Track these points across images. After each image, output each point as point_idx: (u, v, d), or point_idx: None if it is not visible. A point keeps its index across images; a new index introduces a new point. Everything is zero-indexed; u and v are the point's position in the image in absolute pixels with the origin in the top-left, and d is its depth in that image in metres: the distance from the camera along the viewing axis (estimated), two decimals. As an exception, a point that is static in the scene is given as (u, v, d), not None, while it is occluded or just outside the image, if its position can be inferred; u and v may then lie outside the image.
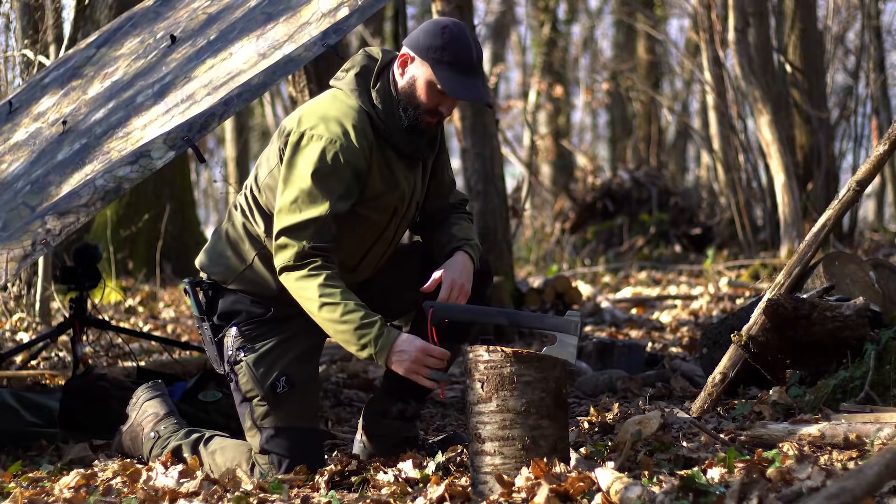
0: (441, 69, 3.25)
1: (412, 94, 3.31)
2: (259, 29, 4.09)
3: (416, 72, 3.30)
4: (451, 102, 3.33)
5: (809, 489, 2.46)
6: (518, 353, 2.89)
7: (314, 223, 3.24)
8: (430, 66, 3.26)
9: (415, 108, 3.32)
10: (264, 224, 3.42)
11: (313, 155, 3.25)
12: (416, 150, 3.41)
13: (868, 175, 3.70)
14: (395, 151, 3.38)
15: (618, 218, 12.86)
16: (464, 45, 3.26)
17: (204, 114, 3.66)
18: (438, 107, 3.32)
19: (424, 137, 3.41)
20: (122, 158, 3.64)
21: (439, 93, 3.29)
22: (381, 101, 3.34)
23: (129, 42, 4.94)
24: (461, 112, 6.47)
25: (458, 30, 3.28)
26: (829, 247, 7.54)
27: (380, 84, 3.36)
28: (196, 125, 3.63)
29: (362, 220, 3.37)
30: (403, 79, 3.33)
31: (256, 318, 3.43)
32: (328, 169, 3.25)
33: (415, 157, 3.43)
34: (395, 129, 3.35)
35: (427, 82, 3.28)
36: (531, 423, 2.87)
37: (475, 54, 3.29)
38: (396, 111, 3.33)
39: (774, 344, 3.73)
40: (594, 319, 7.25)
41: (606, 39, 20.93)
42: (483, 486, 2.87)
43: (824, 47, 10.55)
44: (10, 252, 3.49)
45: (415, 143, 3.39)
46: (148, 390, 3.81)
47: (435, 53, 3.25)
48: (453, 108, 3.38)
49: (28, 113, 4.95)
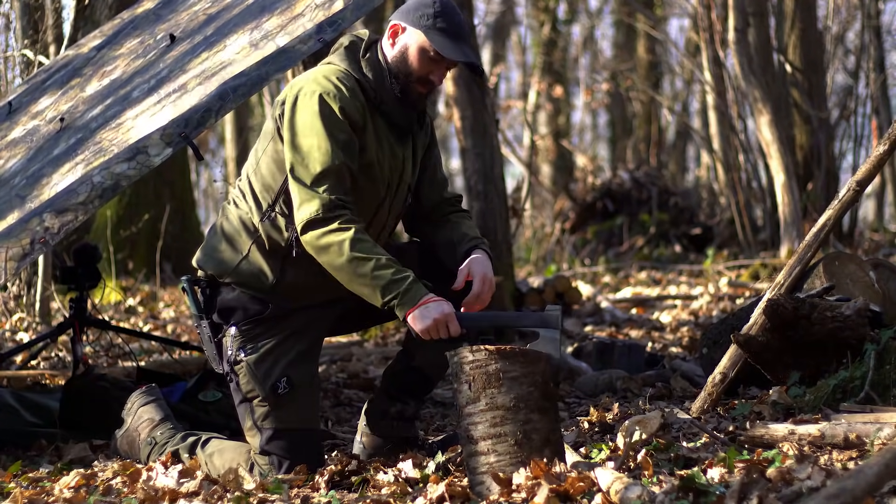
0: (434, 35, 3.32)
1: (404, 61, 3.37)
2: (253, 21, 4.09)
3: (409, 40, 3.37)
4: (442, 70, 3.39)
5: (809, 489, 2.46)
6: (501, 350, 2.89)
7: (330, 174, 3.23)
8: (423, 33, 3.33)
9: (406, 75, 3.37)
10: (257, 208, 3.40)
11: (312, 108, 3.27)
12: (407, 122, 3.44)
13: (868, 175, 3.70)
14: (386, 122, 3.41)
15: (618, 218, 12.87)
16: (455, 12, 3.38)
17: (199, 108, 3.65)
18: (430, 75, 3.38)
19: (415, 110, 3.45)
20: (119, 154, 3.64)
21: (431, 60, 3.35)
22: (370, 69, 3.39)
23: (128, 42, 4.95)
24: (461, 112, 6.47)
25: (449, 0, 3.39)
26: (829, 247, 7.55)
27: (369, 55, 3.42)
28: (192, 120, 3.62)
29: (359, 191, 3.36)
30: (394, 49, 3.39)
31: (255, 316, 3.42)
32: (329, 119, 3.26)
33: (405, 132, 3.46)
34: (386, 98, 3.39)
35: (420, 49, 3.35)
36: (521, 417, 2.87)
37: (465, 22, 3.39)
38: (387, 80, 3.38)
39: (774, 344, 3.73)
40: (594, 319, 7.25)
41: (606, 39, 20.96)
42: (481, 486, 2.87)
43: (824, 47, 10.55)
44: (9, 251, 3.48)
45: (406, 115, 3.43)
46: (142, 396, 3.80)
47: (427, 20, 3.33)
48: (444, 77, 3.44)
49: (27, 112, 4.96)
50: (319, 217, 3.21)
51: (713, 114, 12.75)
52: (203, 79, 3.86)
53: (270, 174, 3.38)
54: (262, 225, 3.39)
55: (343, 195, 3.25)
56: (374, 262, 3.18)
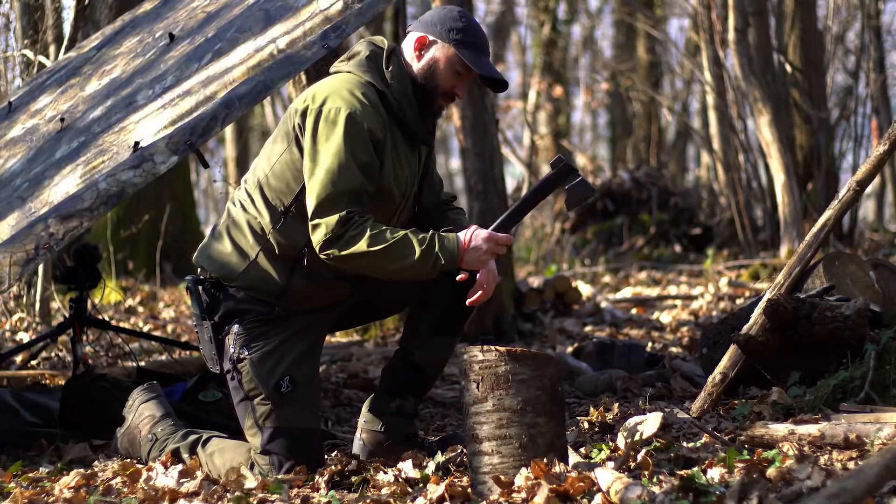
0: (466, 50, 3.36)
1: (433, 75, 3.39)
2: (259, 29, 4.09)
3: (437, 54, 3.39)
4: (466, 84, 3.43)
5: (809, 489, 2.46)
6: (512, 352, 2.89)
7: (348, 194, 3.24)
8: (454, 48, 3.36)
9: (433, 88, 3.39)
10: (269, 215, 3.39)
11: (338, 127, 3.26)
12: (425, 133, 3.46)
13: (868, 175, 3.70)
14: (402, 133, 3.41)
15: (618, 218, 12.87)
16: (479, 27, 3.43)
17: (205, 116, 3.66)
18: (454, 88, 3.41)
19: (435, 120, 3.48)
20: (125, 162, 3.65)
21: (457, 74, 3.39)
22: (395, 80, 3.38)
23: (127, 41, 4.95)
24: (461, 112, 6.47)
25: (470, 14, 3.44)
26: (829, 247, 7.55)
27: (392, 66, 3.40)
28: (198, 128, 3.63)
29: (374, 205, 3.35)
30: (421, 62, 3.40)
31: (260, 315, 3.42)
32: (354, 139, 3.26)
33: (417, 142, 3.47)
34: (408, 109, 3.39)
35: (450, 63, 3.38)
36: (528, 421, 2.87)
37: (486, 37, 3.46)
38: (409, 92, 3.38)
39: (774, 344, 3.73)
40: (594, 319, 7.25)
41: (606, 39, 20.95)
42: (482, 486, 2.88)
43: (824, 47, 10.54)
44: (13, 256, 3.50)
45: (424, 126, 3.45)
46: (144, 392, 3.80)
47: (457, 35, 3.36)
48: (465, 92, 3.48)
49: (26, 110, 4.96)
50: (333, 236, 3.22)
51: (713, 114, 12.74)
52: (207, 83, 3.86)
53: (285, 182, 3.37)
54: (274, 232, 3.38)
55: (359, 206, 3.26)
56: (397, 248, 3.19)
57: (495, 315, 6.20)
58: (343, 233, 3.21)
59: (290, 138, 3.36)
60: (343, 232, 3.21)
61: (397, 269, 3.24)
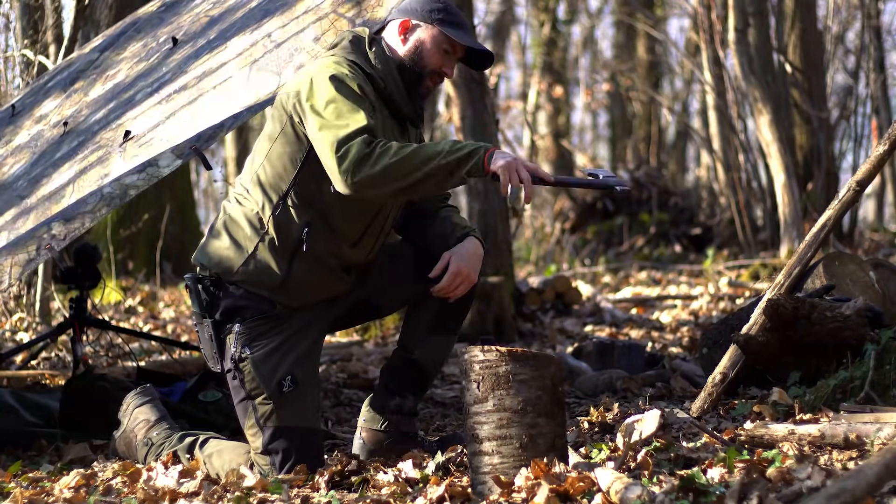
0: (450, 29, 3.42)
1: (419, 57, 3.43)
2: (255, 24, 4.12)
3: (423, 35, 3.44)
4: (453, 63, 3.49)
5: (809, 489, 2.46)
6: (513, 352, 2.89)
7: (362, 131, 3.18)
8: (438, 27, 3.42)
9: (421, 69, 3.44)
10: (267, 202, 3.38)
11: (331, 81, 3.26)
12: (414, 114, 3.49)
13: (868, 175, 3.70)
14: (391, 115, 3.44)
15: (618, 218, 12.87)
16: (456, 7, 3.51)
17: (213, 125, 3.71)
18: (443, 67, 3.46)
19: (423, 101, 3.51)
20: (130, 169, 3.70)
21: (444, 53, 3.44)
22: (379, 62, 3.43)
23: (132, 46, 4.96)
24: (461, 112, 6.47)
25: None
26: (829, 247, 7.55)
27: (375, 48, 3.46)
28: (204, 135, 3.69)
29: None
30: (407, 45, 3.45)
31: (262, 314, 3.42)
32: (350, 95, 3.25)
33: (407, 124, 3.50)
34: (395, 89, 3.43)
35: (436, 43, 3.44)
36: (528, 421, 2.87)
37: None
38: (394, 72, 3.43)
39: (774, 344, 3.73)
40: (594, 319, 7.25)
41: (606, 39, 20.96)
42: (482, 486, 2.88)
43: (824, 47, 10.55)
44: (14, 256, 3.51)
45: (413, 106, 3.48)
46: (137, 396, 3.79)
47: (439, 15, 3.44)
48: (453, 70, 3.53)
49: (30, 115, 4.97)
50: (362, 155, 3.13)
51: (713, 114, 12.74)
52: (202, 77, 3.89)
53: (282, 166, 3.37)
54: (273, 218, 3.38)
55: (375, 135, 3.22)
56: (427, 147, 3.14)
57: (495, 315, 6.20)
58: (371, 151, 3.14)
59: (284, 121, 3.37)
60: (371, 150, 3.14)
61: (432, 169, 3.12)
